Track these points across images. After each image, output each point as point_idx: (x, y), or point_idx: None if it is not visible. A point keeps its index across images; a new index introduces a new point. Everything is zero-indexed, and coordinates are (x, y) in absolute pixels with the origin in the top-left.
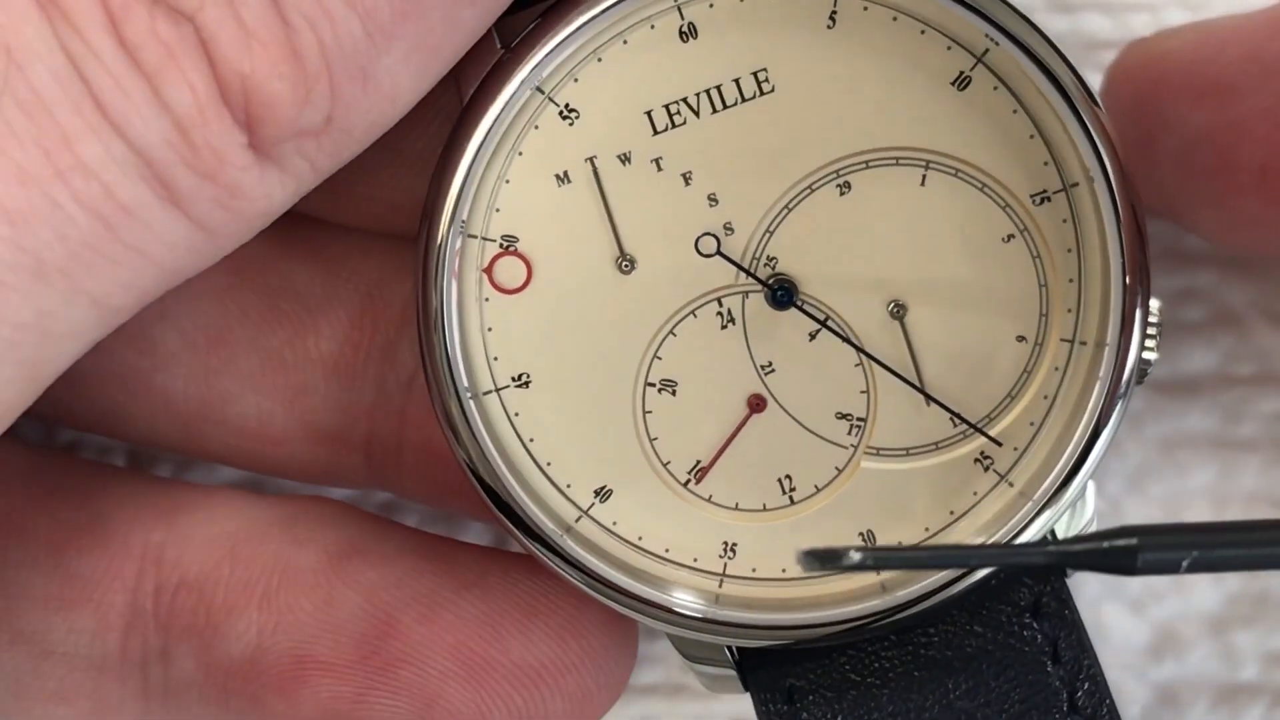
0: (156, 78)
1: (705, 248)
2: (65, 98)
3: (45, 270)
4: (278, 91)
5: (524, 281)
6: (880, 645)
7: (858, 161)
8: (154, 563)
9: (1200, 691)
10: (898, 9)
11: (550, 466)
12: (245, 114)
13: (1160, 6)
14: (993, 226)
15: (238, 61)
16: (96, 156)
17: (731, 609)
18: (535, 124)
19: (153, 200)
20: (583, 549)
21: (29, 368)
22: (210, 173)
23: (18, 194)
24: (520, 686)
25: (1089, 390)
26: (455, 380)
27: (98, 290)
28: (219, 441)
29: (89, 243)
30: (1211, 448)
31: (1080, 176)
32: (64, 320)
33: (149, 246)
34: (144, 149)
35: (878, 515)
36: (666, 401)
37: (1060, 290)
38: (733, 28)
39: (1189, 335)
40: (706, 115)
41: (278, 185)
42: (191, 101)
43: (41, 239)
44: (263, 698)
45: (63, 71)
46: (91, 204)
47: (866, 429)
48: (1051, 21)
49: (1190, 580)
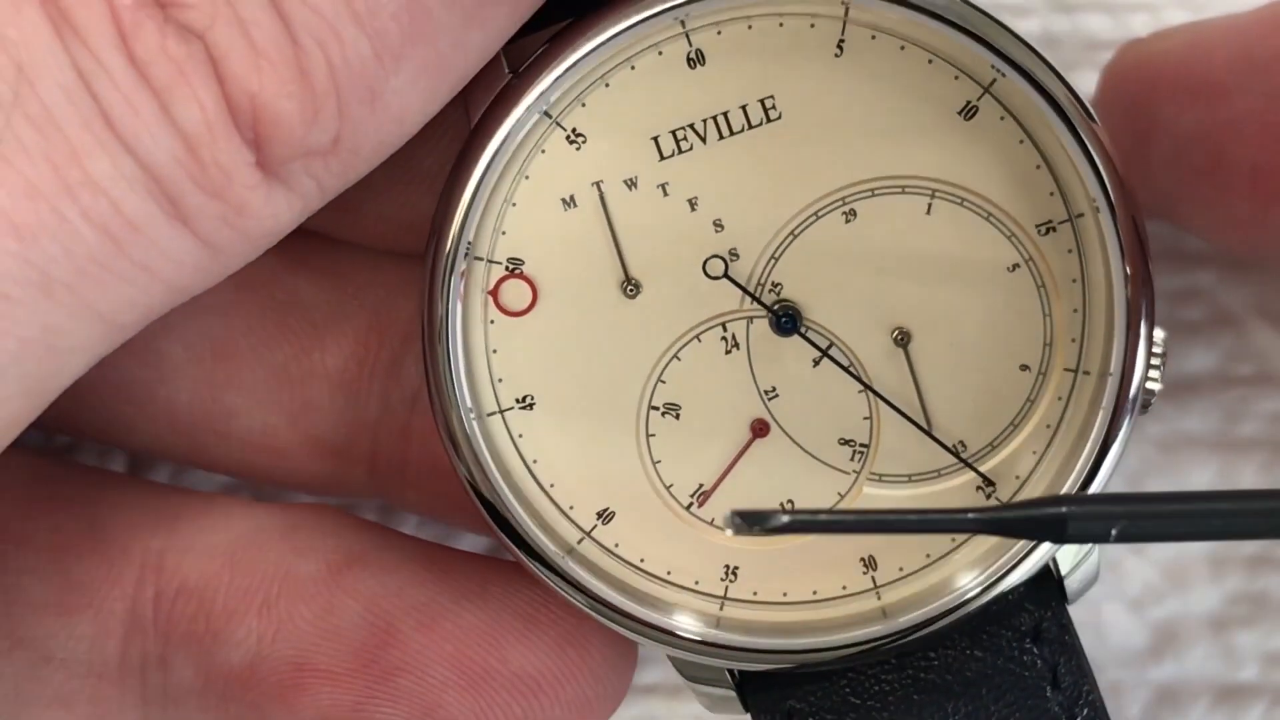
0: (166, 94)
1: (713, 270)
2: (75, 113)
3: (52, 285)
4: (286, 111)
5: (529, 304)
6: (880, 669)
7: (863, 189)
8: (154, 569)
9: (1200, 692)
10: (906, 39)
11: (553, 488)
12: (253, 133)
13: (1160, 6)
14: (998, 256)
15: (246, 80)
16: (105, 172)
17: (732, 632)
18: (542, 148)
19: (160, 217)
20: (584, 570)
21: (33, 382)
22: (217, 190)
23: (26, 208)
24: (519, 696)
25: (1092, 420)
26: (459, 401)
27: (104, 306)
28: (222, 454)
29: (96, 258)
30: (1211, 448)
31: (1086, 207)
32: (69, 336)
33: (155, 263)
34: (152, 166)
35: (880, 541)
36: (670, 425)
37: (1064, 320)
38: (740, 55)
39: (1189, 335)
40: (713, 141)
41: (284, 205)
42: (200, 119)
43: (49, 254)
44: (262, 705)
45: (73, 87)
46: (99, 220)
47: (869, 455)
48: (1052, 21)
49: (1190, 580)
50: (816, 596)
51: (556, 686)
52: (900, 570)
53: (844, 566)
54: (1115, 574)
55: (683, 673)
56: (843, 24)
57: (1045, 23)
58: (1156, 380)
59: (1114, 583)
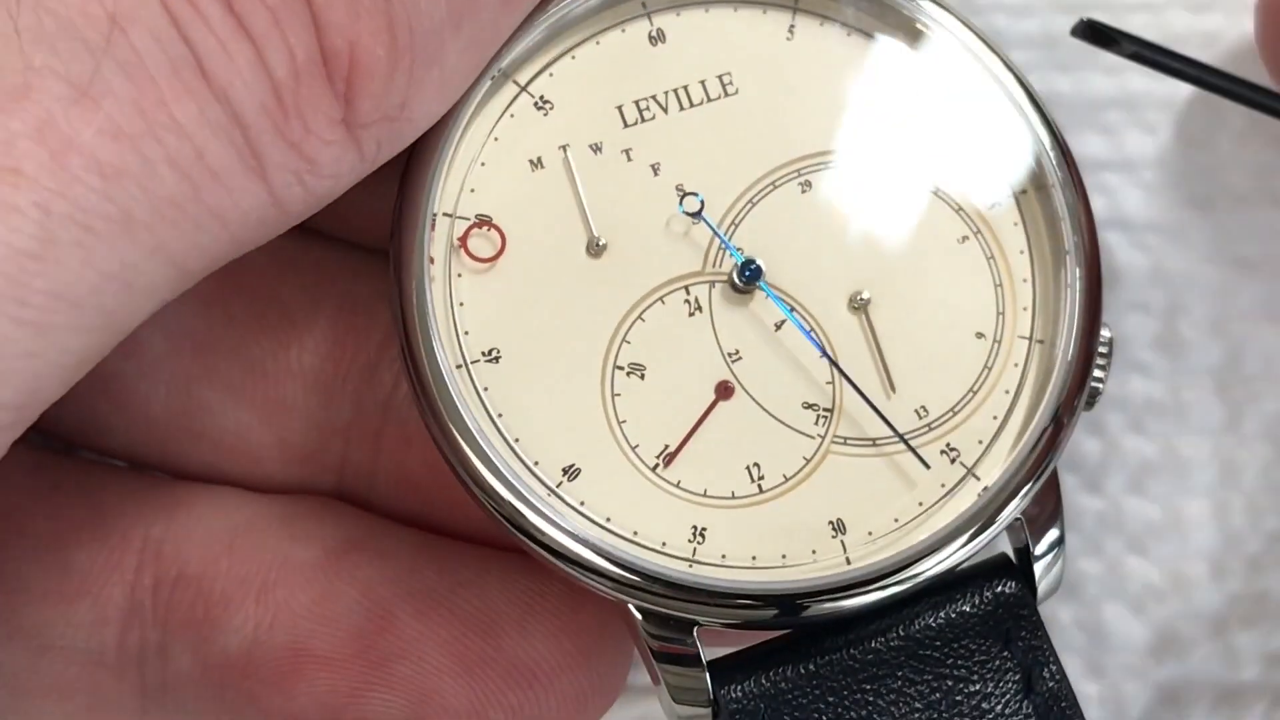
0: (261, 41)
1: (689, 206)
2: (165, 60)
3: (132, 224)
4: (379, 61)
5: (497, 251)
6: (860, 681)
7: (817, 162)
8: (153, 557)
9: (1201, 692)
10: (849, 25)
11: (518, 443)
12: (345, 84)
13: (1161, 6)
14: (948, 228)
15: (345, 28)
16: (192, 118)
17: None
18: (511, 113)
19: (238, 166)
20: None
21: (109, 317)
22: (296, 141)
23: (111, 148)
24: (515, 684)
25: (1046, 386)
26: (430, 354)
27: (177, 250)
28: (196, 458)
29: (175, 202)
30: (1211, 448)
31: (1028, 185)
32: (145, 275)
33: (228, 213)
34: (240, 113)
35: (847, 505)
36: (635, 385)
37: (1015, 289)
38: (699, 35)
39: (1189, 335)
40: (674, 112)
41: (347, 165)
42: (290, 68)
43: (130, 193)
44: (259, 692)
45: (166, 35)
46: (182, 164)
47: (833, 419)
48: (1052, 21)
49: (1191, 580)
50: (786, 561)
51: (553, 676)
52: (869, 535)
53: (813, 530)
54: (1116, 574)
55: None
56: (793, 12)
57: (1045, 23)
58: (1105, 357)
59: (1114, 583)
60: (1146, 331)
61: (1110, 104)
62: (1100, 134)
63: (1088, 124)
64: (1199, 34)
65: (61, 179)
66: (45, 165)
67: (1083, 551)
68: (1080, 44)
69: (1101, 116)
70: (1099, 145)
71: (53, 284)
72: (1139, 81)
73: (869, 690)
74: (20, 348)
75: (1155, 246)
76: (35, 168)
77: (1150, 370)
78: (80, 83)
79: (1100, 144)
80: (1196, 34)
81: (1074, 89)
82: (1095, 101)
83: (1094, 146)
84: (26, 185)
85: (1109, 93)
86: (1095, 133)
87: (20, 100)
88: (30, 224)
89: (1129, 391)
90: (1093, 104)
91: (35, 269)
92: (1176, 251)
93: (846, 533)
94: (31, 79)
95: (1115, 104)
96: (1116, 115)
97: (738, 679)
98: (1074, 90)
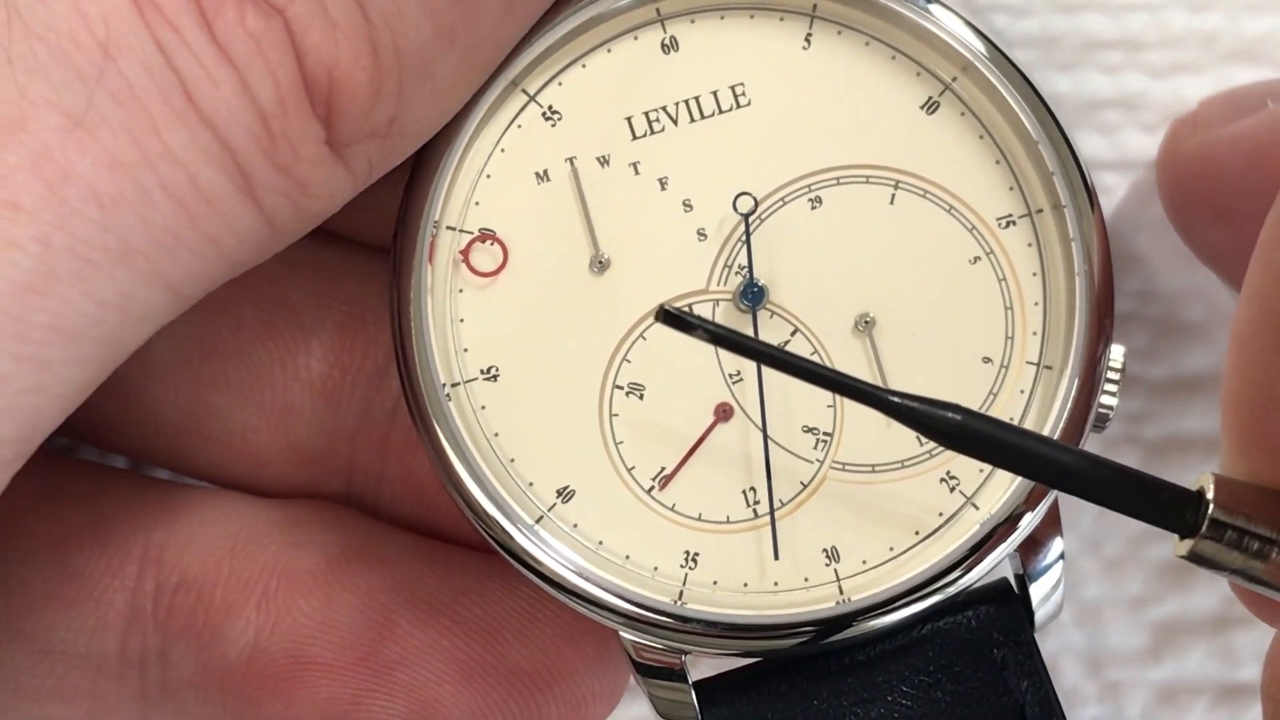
0: (245, 69)
1: (743, 207)
2: (156, 88)
3: (130, 254)
4: (359, 85)
5: (499, 265)
6: (850, 705)
7: (829, 177)
8: (154, 562)
9: (1200, 692)
10: (870, 34)
11: (513, 464)
12: (326, 107)
13: (1160, 7)
14: (960, 247)
15: (324, 54)
16: (183, 145)
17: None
18: (518, 123)
19: (231, 191)
20: (541, 551)
21: (107, 347)
22: (285, 165)
23: (108, 178)
24: (516, 693)
25: (1052, 415)
26: (427, 372)
27: (174, 276)
28: (204, 459)
29: (171, 229)
30: (1211, 448)
31: (1045, 203)
32: (142, 303)
33: (223, 237)
34: (228, 139)
35: (842, 532)
36: (634, 405)
37: (1026, 313)
38: (713, 44)
39: (1189, 335)
40: (685, 124)
41: (340, 184)
42: (275, 94)
43: (128, 223)
44: (259, 699)
45: (155, 64)
46: (176, 192)
47: (833, 444)
48: (1052, 21)
49: (1190, 581)
50: (778, 588)
51: (553, 684)
52: (863, 563)
53: (807, 558)
54: (1115, 574)
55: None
56: (810, 19)
57: (1045, 22)
58: (1113, 394)
59: (1114, 583)
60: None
61: (1110, 104)
62: (1100, 134)
63: (1088, 124)
64: (1198, 34)
65: (60, 211)
66: (43, 198)
67: (1083, 551)
68: (1080, 44)
69: (1101, 116)
70: (1099, 145)
71: (53, 318)
72: (1139, 81)
73: (859, 714)
74: (21, 384)
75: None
76: (33, 201)
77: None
78: (75, 113)
79: (1100, 144)
80: (1196, 34)
81: (1073, 89)
82: (1095, 101)
83: (1094, 146)
84: (25, 219)
85: (1109, 93)
86: (1095, 133)
87: (16, 132)
88: (30, 258)
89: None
90: (1092, 104)
91: (37, 304)
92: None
93: (840, 560)
94: (26, 110)
95: (1115, 104)
96: (1116, 115)
97: (726, 699)
98: (1073, 90)
